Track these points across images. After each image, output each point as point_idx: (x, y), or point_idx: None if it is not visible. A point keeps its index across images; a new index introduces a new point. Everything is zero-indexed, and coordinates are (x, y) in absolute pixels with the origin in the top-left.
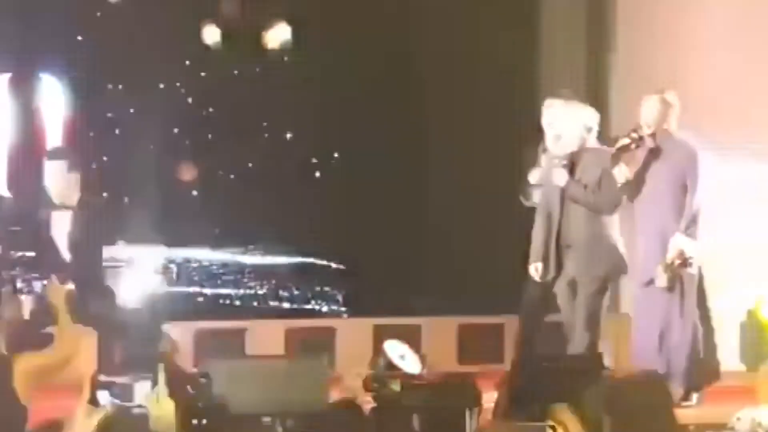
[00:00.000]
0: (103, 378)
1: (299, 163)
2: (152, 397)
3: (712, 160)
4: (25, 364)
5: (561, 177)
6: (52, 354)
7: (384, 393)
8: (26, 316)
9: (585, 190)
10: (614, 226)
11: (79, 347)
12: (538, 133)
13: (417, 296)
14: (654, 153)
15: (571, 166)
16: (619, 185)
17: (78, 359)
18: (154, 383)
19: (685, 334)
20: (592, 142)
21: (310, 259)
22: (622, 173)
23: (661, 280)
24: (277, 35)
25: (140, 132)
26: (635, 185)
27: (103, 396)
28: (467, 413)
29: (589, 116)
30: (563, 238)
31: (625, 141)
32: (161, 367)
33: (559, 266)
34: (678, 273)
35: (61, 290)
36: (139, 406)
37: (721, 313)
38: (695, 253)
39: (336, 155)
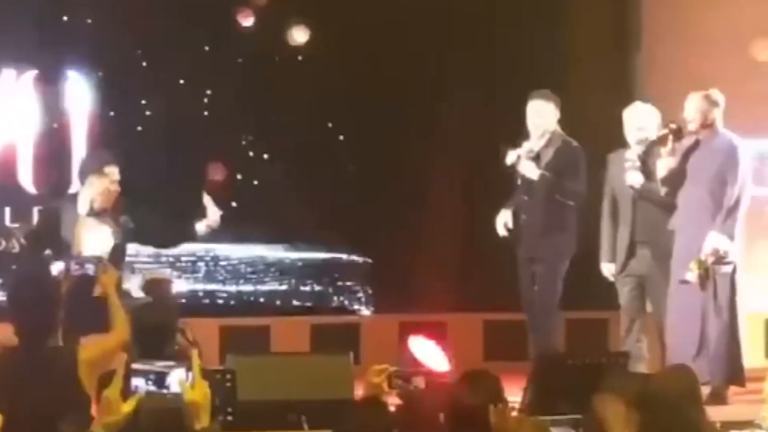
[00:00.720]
0: (137, 366)
1: (328, 159)
2: (186, 384)
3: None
4: (87, 353)
5: (636, 178)
6: (110, 339)
7: (408, 390)
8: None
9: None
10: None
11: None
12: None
13: (442, 292)
14: (695, 148)
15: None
16: (660, 178)
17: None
18: (189, 369)
19: (720, 332)
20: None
21: (337, 255)
22: (664, 165)
23: (692, 276)
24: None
25: (167, 130)
26: (676, 179)
27: (138, 382)
28: (491, 409)
29: (652, 116)
30: (637, 236)
31: (663, 131)
32: (195, 353)
33: (627, 264)
34: (711, 270)
35: (113, 275)
36: (174, 393)
37: (748, 310)
38: (730, 251)
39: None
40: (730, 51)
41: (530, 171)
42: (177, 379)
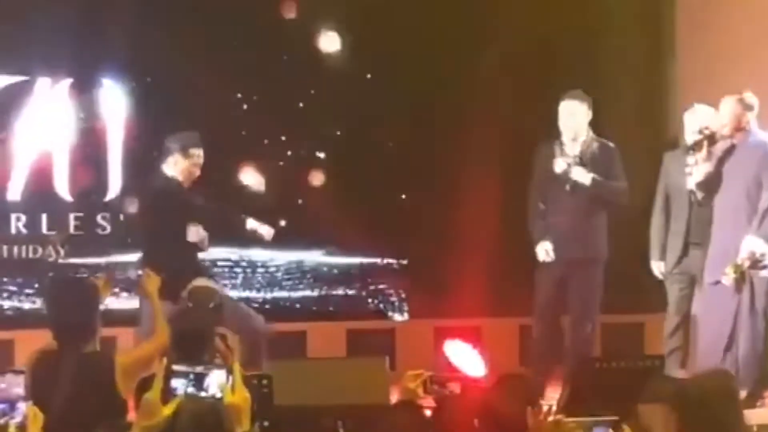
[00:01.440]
0: (177, 367)
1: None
2: (227, 386)
3: None
4: (124, 358)
5: (695, 178)
6: (149, 345)
7: (443, 394)
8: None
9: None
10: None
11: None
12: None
13: (478, 297)
14: (730, 151)
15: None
16: (696, 183)
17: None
18: (229, 373)
19: (754, 337)
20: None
21: (372, 260)
22: (700, 171)
23: (727, 279)
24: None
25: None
26: (712, 183)
27: (177, 384)
28: (529, 411)
29: (710, 118)
30: (692, 236)
31: (697, 137)
32: (236, 355)
33: (680, 263)
34: (747, 274)
35: (155, 280)
36: (213, 396)
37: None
38: (767, 254)
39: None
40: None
41: (582, 176)
42: (217, 382)
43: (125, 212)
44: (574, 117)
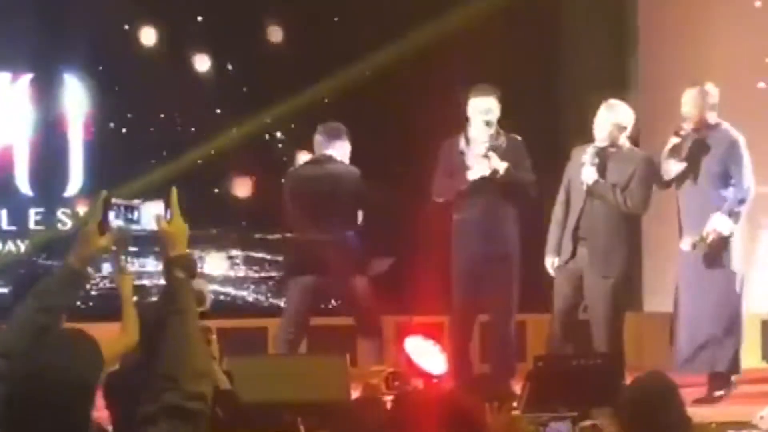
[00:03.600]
0: (115, 200)
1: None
2: (162, 218)
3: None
4: None
5: (590, 175)
6: (119, 342)
7: (404, 391)
8: None
9: (614, 188)
10: (634, 225)
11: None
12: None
13: (440, 294)
14: (697, 144)
15: (603, 164)
16: (652, 186)
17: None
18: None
19: (725, 327)
20: (624, 141)
21: None
22: (672, 168)
23: (686, 244)
24: None
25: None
26: (683, 179)
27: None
28: (487, 407)
29: (625, 115)
30: (581, 231)
31: (676, 140)
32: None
33: (571, 260)
34: (710, 246)
35: (129, 280)
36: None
37: (744, 310)
38: (731, 232)
39: None
40: (727, 47)
41: (498, 164)
42: (153, 214)
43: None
44: (490, 112)
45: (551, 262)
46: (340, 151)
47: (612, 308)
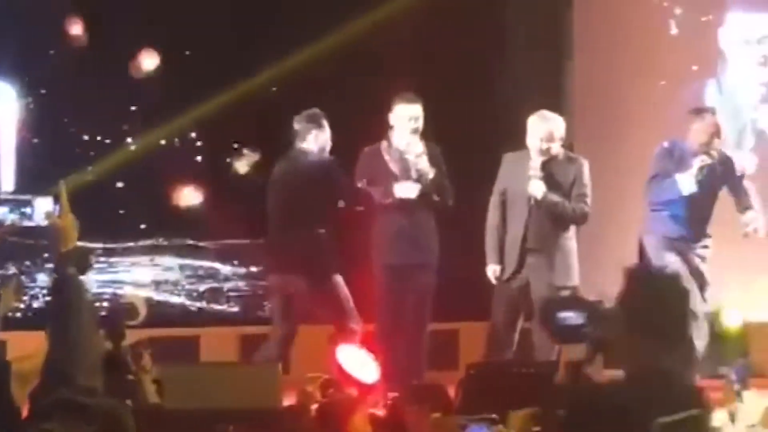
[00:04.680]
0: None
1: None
2: (53, 213)
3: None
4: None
5: (538, 188)
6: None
7: (334, 399)
8: None
9: (563, 200)
10: (574, 236)
11: None
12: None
13: (372, 302)
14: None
15: (547, 175)
16: (587, 196)
17: None
18: (56, 201)
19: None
20: (558, 149)
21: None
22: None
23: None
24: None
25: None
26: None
27: (2, 210)
28: (408, 410)
29: (559, 125)
30: (529, 242)
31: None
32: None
33: (519, 270)
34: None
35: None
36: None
37: None
38: None
39: None
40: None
41: (427, 168)
42: (42, 209)
43: None
44: (415, 119)
45: (493, 270)
46: (320, 140)
47: None
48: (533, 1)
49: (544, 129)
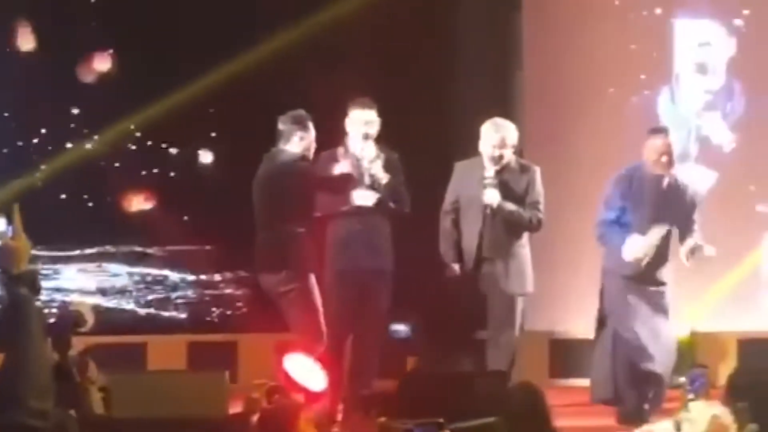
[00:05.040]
0: None
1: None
2: (6, 235)
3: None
4: None
5: (494, 196)
6: None
7: (282, 404)
8: None
9: (518, 209)
10: (527, 243)
11: None
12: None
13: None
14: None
15: (501, 183)
16: (541, 203)
17: None
18: (9, 223)
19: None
20: (510, 156)
21: (213, 273)
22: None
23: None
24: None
25: None
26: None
27: None
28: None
29: (511, 132)
30: (484, 251)
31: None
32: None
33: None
34: None
35: None
36: None
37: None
38: None
39: None
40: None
41: (381, 174)
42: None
43: None
44: (370, 124)
45: (456, 268)
46: (304, 142)
47: (514, 326)
48: (483, 10)
49: (497, 136)
